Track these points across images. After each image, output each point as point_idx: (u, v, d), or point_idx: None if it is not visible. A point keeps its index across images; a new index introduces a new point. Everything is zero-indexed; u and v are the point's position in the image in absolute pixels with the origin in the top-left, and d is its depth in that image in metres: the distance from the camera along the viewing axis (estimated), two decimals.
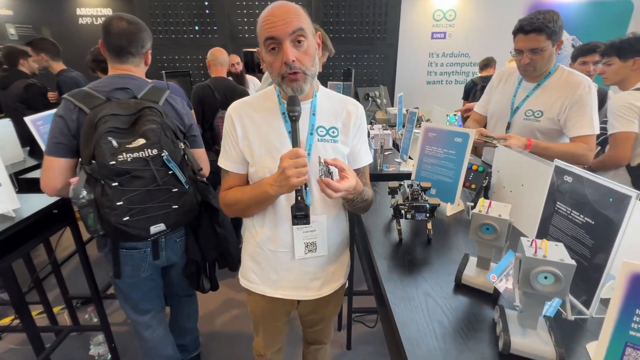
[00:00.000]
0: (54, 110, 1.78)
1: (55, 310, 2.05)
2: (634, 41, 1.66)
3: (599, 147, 1.95)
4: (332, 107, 1.02)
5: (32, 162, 2.13)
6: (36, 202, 1.38)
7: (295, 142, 0.86)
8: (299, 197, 0.86)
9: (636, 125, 1.56)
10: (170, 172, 1.15)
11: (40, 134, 1.70)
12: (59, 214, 1.49)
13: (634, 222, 0.66)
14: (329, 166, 0.85)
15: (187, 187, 1.21)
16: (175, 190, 1.17)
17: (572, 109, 1.45)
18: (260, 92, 1.04)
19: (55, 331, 1.89)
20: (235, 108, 1.00)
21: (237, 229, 2.50)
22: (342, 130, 1.01)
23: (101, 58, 1.79)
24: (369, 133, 2.16)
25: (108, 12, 4.59)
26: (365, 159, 1.08)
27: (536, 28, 1.41)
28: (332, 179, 0.83)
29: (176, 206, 1.18)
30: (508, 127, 1.63)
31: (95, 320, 1.97)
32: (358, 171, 1.08)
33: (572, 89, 1.45)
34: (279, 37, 0.83)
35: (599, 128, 1.49)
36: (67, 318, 2.03)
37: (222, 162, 1.03)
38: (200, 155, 1.41)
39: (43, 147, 1.71)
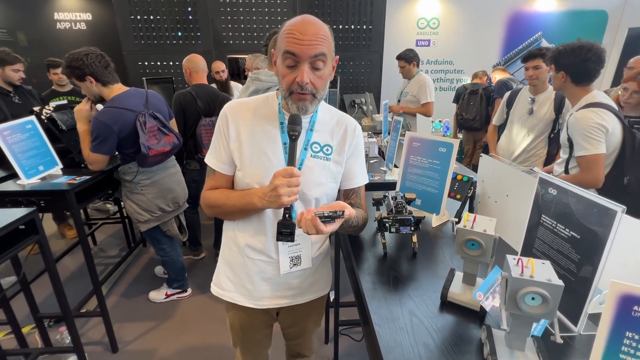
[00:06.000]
0: (23, 120, 1.70)
1: (25, 330, 1.93)
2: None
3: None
4: (329, 124, 0.99)
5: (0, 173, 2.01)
6: (0, 218, 1.29)
7: (291, 160, 0.84)
8: (287, 215, 0.83)
9: (604, 145, 1.52)
10: None
11: (8, 144, 1.60)
12: (26, 230, 1.40)
13: (620, 236, 0.64)
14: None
15: None
16: None
17: None
18: (261, 96, 1.01)
19: (23, 354, 1.77)
20: (231, 107, 0.96)
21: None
22: (336, 149, 0.99)
23: (75, 65, 1.72)
24: None
25: (87, 16, 4.46)
26: (361, 179, 1.05)
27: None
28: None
29: None
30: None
31: (68, 340, 1.86)
32: (352, 191, 1.05)
33: None
34: (300, 56, 0.82)
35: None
36: (38, 339, 1.91)
37: (209, 160, 0.99)
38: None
39: (10, 157, 1.61)
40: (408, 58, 3.25)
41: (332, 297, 1.92)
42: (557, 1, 5.02)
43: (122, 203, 2.54)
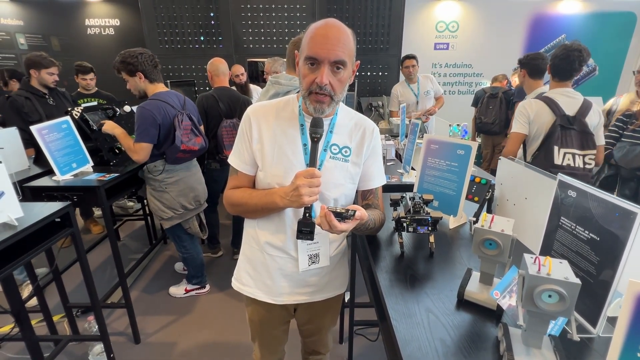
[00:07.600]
0: (59, 120, 1.81)
1: (55, 318, 2.04)
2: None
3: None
4: (348, 126, 1.02)
5: (36, 170, 2.14)
6: (39, 211, 1.39)
7: (313, 161, 0.87)
8: (307, 214, 0.87)
9: (527, 127, 1.92)
10: None
11: (46, 142, 1.72)
12: (61, 223, 1.49)
13: None
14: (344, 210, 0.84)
15: None
16: None
17: None
18: (282, 99, 1.05)
19: (54, 340, 1.88)
20: (254, 110, 1.01)
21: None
22: (354, 151, 1.02)
23: (129, 61, 1.87)
24: None
25: (116, 22, 4.67)
26: (378, 180, 1.08)
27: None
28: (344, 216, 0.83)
29: None
30: None
31: (95, 329, 1.96)
32: (370, 192, 1.07)
33: None
34: (321, 59, 0.86)
35: None
36: (67, 327, 2.02)
37: (232, 160, 1.03)
38: None
39: (47, 154, 1.72)
40: (417, 58, 3.47)
41: (347, 298, 1.94)
42: (582, 3, 4.90)
43: (145, 201, 2.65)
